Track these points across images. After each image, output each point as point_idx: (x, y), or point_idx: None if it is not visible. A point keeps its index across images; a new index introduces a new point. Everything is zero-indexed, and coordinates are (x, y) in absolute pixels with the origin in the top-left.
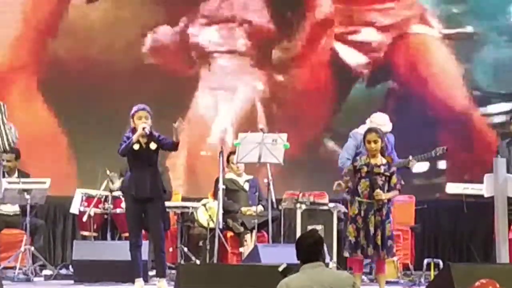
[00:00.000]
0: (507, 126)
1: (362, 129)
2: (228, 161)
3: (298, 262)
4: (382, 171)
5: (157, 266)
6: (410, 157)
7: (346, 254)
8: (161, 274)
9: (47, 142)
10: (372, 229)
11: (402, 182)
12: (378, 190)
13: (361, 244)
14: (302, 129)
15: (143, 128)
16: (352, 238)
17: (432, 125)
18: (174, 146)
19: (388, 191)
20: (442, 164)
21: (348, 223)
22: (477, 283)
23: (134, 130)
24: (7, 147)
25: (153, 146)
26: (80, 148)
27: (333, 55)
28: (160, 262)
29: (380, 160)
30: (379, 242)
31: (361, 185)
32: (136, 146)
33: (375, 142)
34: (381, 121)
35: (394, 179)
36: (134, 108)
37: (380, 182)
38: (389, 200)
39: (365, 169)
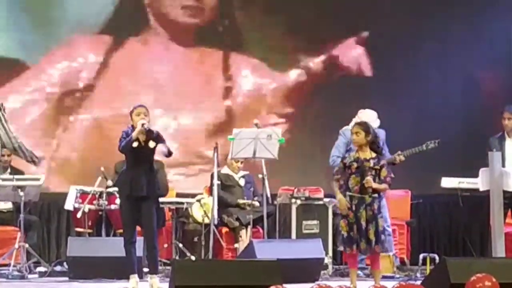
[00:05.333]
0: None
1: (351, 126)
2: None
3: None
4: (371, 164)
5: (150, 263)
6: (399, 152)
7: (340, 247)
8: (153, 271)
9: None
10: (363, 224)
11: (392, 175)
12: (367, 178)
13: (355, 239)
14: None
15: (142, 124)
16: (344, 232)
17: None
18: (168, 154)
19: (379, 184)
20: None
21: (340, 218)
22: (473, 278)
23: (132, 127)
24: (15, 144)
25: (151, 144)
26: None
27: None
28: (153, 259)
29: (369, 154)
30: (371, 237)
31: (352, 181)
32: (134, 144)
33: (357, 134)
34: (368, 117)
35: (384, 172)
36: (133, 105)
37: (370, 176)
38: (379, 194)
39: (355, 164)
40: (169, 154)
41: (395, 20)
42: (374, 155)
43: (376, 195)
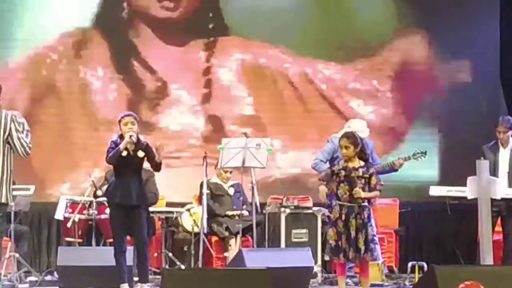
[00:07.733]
0: None
1: (340, 134)
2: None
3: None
4: (360, 173)
5: (140, 273)
6: (399, 157)
7: (327, 257)
8: (143, 280)
9: None
10: (353, 233)
11: (382, 183)
12: (356, 189)
13: (343, 248)
14: None
15: (130, 136)
16: (332, 241)
17: None
18: (157, 166)
19: (369, 192)
20: None
21: (328, 226)
22: (461, 285)
23: (121, 136)
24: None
25: (140, 154)
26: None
27: None
28: (143, 268)
29: (358, 163)
30: (361, 246)
31: (341, 189)
32: (124, 153)
33: (346, 148)
34: (358, 127)
35: (373, 180)
36: (121, 114)
37: (359, 185)
38: (369, 201)
39: (343, 173)
40: (157, 164)
41: (384, 27)
42: (362, 163)
43: (366, 203)
